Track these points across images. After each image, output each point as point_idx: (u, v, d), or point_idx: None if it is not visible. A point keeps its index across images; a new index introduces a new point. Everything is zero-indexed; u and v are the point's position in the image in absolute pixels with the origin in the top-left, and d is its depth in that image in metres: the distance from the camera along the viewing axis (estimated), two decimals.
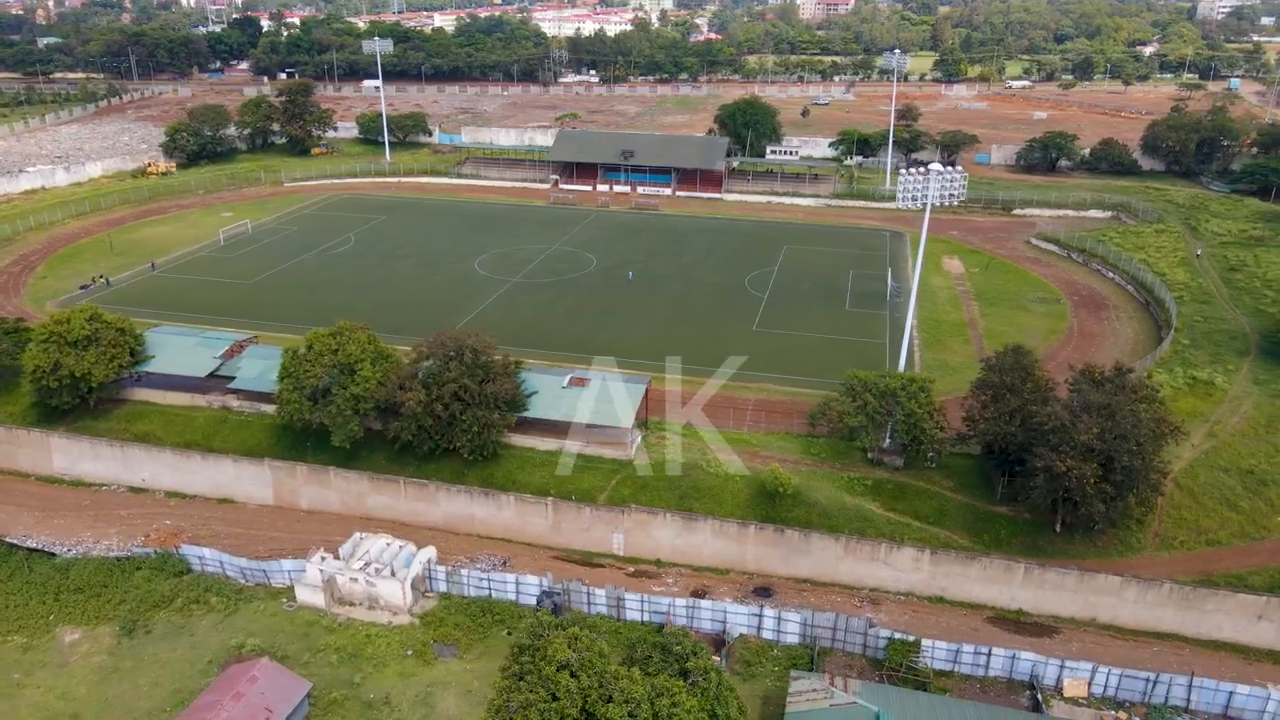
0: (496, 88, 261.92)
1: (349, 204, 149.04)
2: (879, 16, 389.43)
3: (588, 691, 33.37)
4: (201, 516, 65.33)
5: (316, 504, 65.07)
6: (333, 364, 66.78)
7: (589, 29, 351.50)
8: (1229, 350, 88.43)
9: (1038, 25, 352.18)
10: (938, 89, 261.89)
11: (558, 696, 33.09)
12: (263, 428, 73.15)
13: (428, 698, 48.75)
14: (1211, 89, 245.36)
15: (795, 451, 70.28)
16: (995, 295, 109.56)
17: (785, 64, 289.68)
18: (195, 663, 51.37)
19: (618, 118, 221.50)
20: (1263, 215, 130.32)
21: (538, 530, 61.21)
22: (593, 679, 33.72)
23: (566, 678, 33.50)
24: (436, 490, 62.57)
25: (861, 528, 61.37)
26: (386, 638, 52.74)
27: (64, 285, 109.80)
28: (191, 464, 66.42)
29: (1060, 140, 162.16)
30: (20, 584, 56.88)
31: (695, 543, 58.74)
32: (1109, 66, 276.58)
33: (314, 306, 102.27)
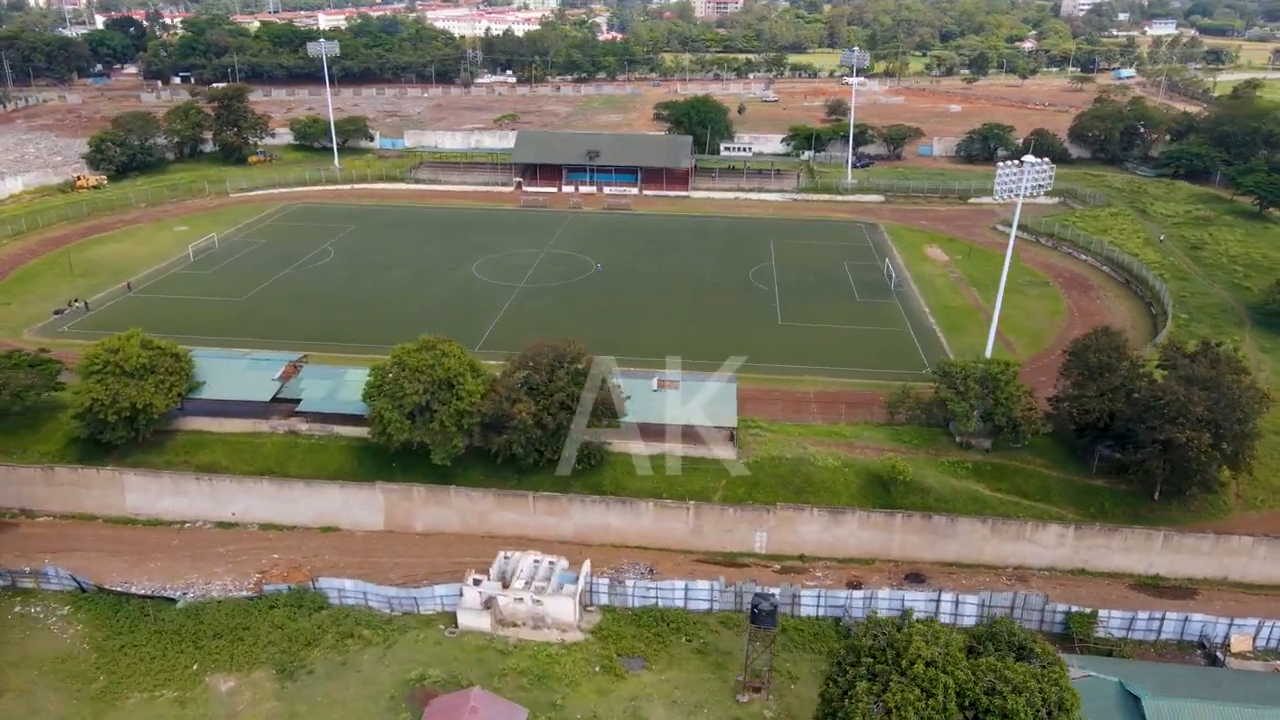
0: (415, 89, 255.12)
1: (308, 214, 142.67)
2: (773, 14, 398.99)
3: (965, 685, 33.75)
4: (309, 548, 61.85)
5: (434, 525, 62.59)
6: (431, 379, 64.35)
7: (484, 28, 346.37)
8: (1225, 322, 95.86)
9: (925, 23, 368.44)
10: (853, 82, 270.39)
11: (932, 693, 33.34)
12: (338, 450, 69.79)
13: (636, 711, 47.97)
14: (1101, 81, 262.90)
15: (885, 440, 72.16)
16: (987, 280, 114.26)
17: (701, 62, 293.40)
18: (376, 699, 48.85)
19: (550, 118, 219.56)
20: (1198, 197, 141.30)
21: (677, 535, 60.87)
22: (966, 672, 34.14)
23: (936, 673, 33.77)
24: (570, 502, 61.29)
25: (978, 509, 63.81)
26: (568, 656, 51.49)
27: (33, 311, 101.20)
28: (292, 493, 62.72)
29: (998, 131, 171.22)
30: (149, 634, 52.55)
31: (841, 535, 59.76)
32: (1001, 61, 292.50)
33: (323, 322, 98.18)
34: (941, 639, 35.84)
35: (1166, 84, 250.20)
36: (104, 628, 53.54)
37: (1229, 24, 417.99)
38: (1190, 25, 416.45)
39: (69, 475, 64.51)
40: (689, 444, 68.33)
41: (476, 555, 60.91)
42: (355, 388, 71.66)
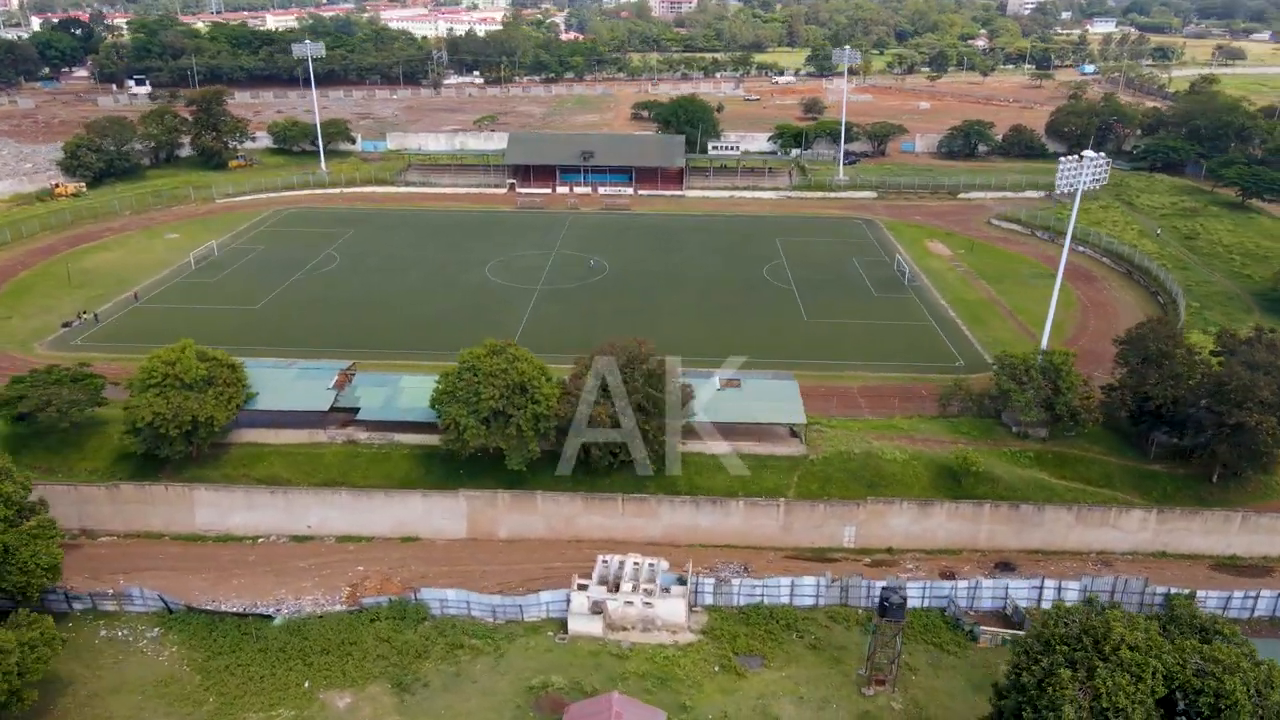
0: (384, 91, 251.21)
1: (302, 219, 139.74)
2: (730, 13, 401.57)
3: (1173, 669, 34.45)
4: (392, 559, 60.68)
5: (518, 532, 61.88)
6: (506, 384, 63.63)
7: (445, 29, 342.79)
8: (1234, 309, 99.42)
9: (879, 21, 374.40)
10: (819, 83, 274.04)
11: (1141, 677, 33.94)
12: (401, 458, 68.60)
13: (765, 709, 48.13)
14: (1061, 78, 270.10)
15: (943, 432, 73.39)
16: (995, 274, 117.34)
17: (668, 62, 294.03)
18: (500, 709, 48.21)
19: (526, 119, 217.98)
20: (1180, 189, 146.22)
21: (766, 532, 61.16)
22: (1173, 655, 34.86)
23: (1143, 657, 34.40)
24: (659, 504, 61.15)
25: (1047, 497, 65.29)
26: (685, 658, 51.40)
27: (37, 324, 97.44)
28: (371, 503, 61.44)
29: (979, 127, 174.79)
30: (253, 652, 51.04)
31: (930, 527, 60.67)
32: (960, 59, 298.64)
33: (345, 327, 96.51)
34: (1140, 624, 36.69)
35: (1123, 80, 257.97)
36: (201, 648, 51.89)
37: (1166, 22, 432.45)
38: (1129, 23, 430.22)
39: (134, 493, 62.32)
40: (756, 441, 68.77)
41: (566, 560, 60.54)
42: (416, 394, 70.76)
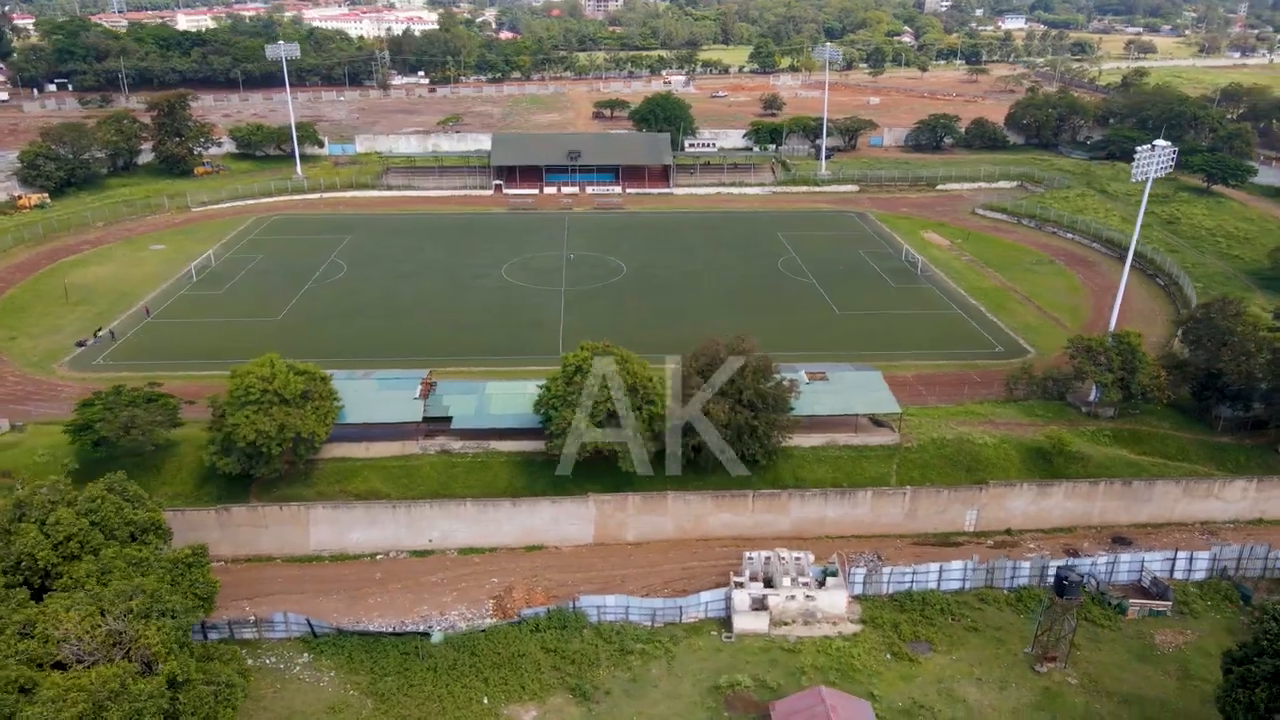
0: (330, 93, 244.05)
1: (290, 226, 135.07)
2: (661, 11, 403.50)
3: None
4: (522, 569, 59.46)
5: (646, 534, 61.37)
6: (617, 385, 63.10)
7: (385, 29, 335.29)
8: (1236, 288, 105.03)
9: (809, 19, 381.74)
10: (766, 79, 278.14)
11: None
12: (499, 466, 67.27)
13: (950, 693, 49.12)
14: (998, 72, 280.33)
15: (1018, 415, 75.82)
16: (999, 262, 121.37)
17: (615, 60, 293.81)
18: (692, 712, 47.88)
19: (485, 119, 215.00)
20: None
21: (891, 520, 62.20)
22: None
23: None
24: (789, 498, 61.54)
25: (1134, 472, 68.17)
26: (855, 648, 51.95)
27: (48, 344, 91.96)
28: (497, 514, 59.99)
29: (944, 121, 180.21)
30: (423, 672, 49.34)
31: (1047, 507, 62.66)
32: (896, 55, 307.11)
33: (378, 335, 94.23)
34: None
35: (1054, 75, 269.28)
36: (363, 671, 49.98)
37: (1071, 18, 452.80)
38: (1036, 20, 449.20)
39: (246, 515, 59.48)
40: (853, 432, 69.88)
41: (700, 560, 60.54)
42: (505, 400, 69.64)
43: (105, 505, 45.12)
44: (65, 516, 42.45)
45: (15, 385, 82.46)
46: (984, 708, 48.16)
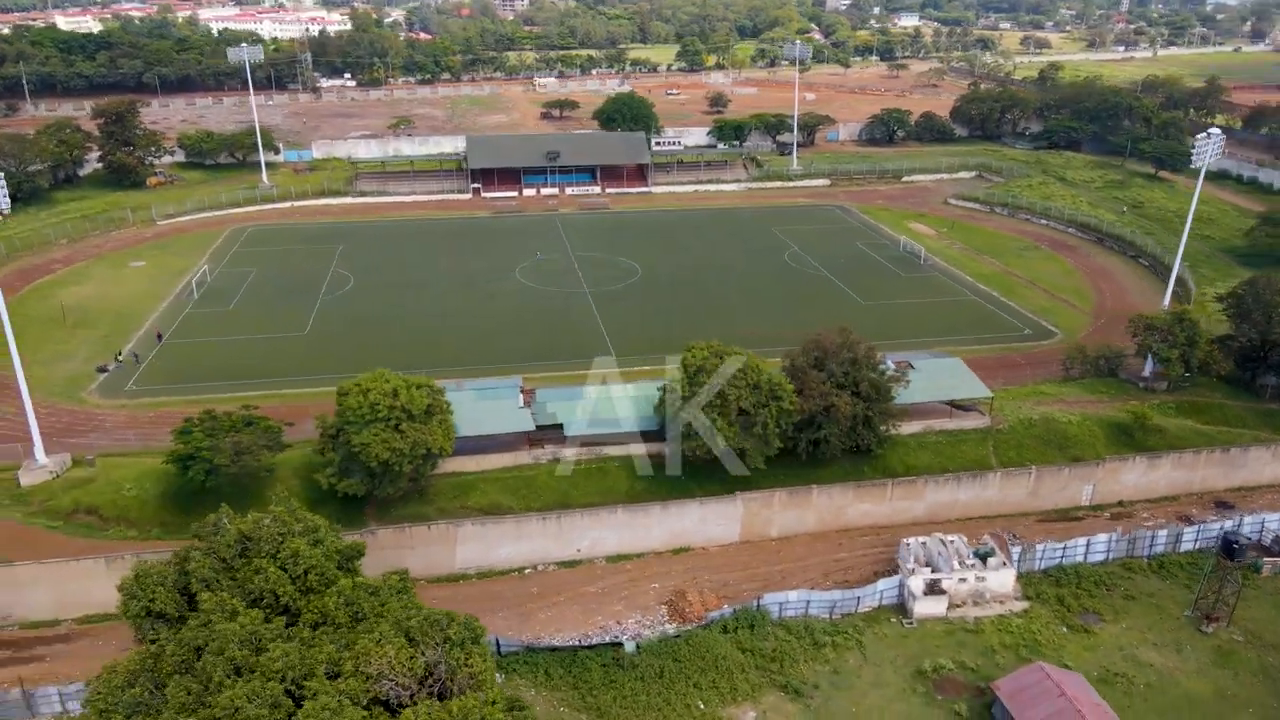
0: (257, 97, 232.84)
1: (275, 237, 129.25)
2: (577, 11, 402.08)
3: None
4: (676, 571, 58.94)
5: (790, 528, 61.72)
6: (747, 383, 63.34)
7: (303, 30, 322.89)
8: (1221, 265, 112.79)
9: (720, 18, 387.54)
10: (697, 77, 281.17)
11: None
12: (615, 471, 66.46)
13: (1135, 658, 51.45)
14: (916, 68, 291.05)
15: (1083, 392, 79.59)
16: (989, 249, 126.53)
17: (546, 60, 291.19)
18: (906, 698, 48.66)
19: (430, 121, 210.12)
20: (1093, 164, 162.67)
21: (1016, 499, 64.44)
22: None
23: None
24: (925, 485, 62.95)
25: (1207, 441, 72.62)
26: (1032, 624, 53.68)
27: (64, 372, 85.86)
28: (647, 518, 59.20)
29: (897, 115, 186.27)
30: (631, 681, 48.01)
31: (1154, 478, 66.08)
32: (817, 53, 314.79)
33: (420, 346, 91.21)
34: None
35: (970, 70, 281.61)
36: (565, 687, 48.70)
37: (961, 16, 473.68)
38: (928, 17, 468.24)
39: (393, 537, 56.90)
40: (945, 418, 72.07)
41: (847, 550, 61.49)
42: (615, 404, 68.82)
43: (327, 535, 42.61)
44: (301, 548, 39.86)
45: (51, 417, 76.34)
46: (1170, 670, 50.71)
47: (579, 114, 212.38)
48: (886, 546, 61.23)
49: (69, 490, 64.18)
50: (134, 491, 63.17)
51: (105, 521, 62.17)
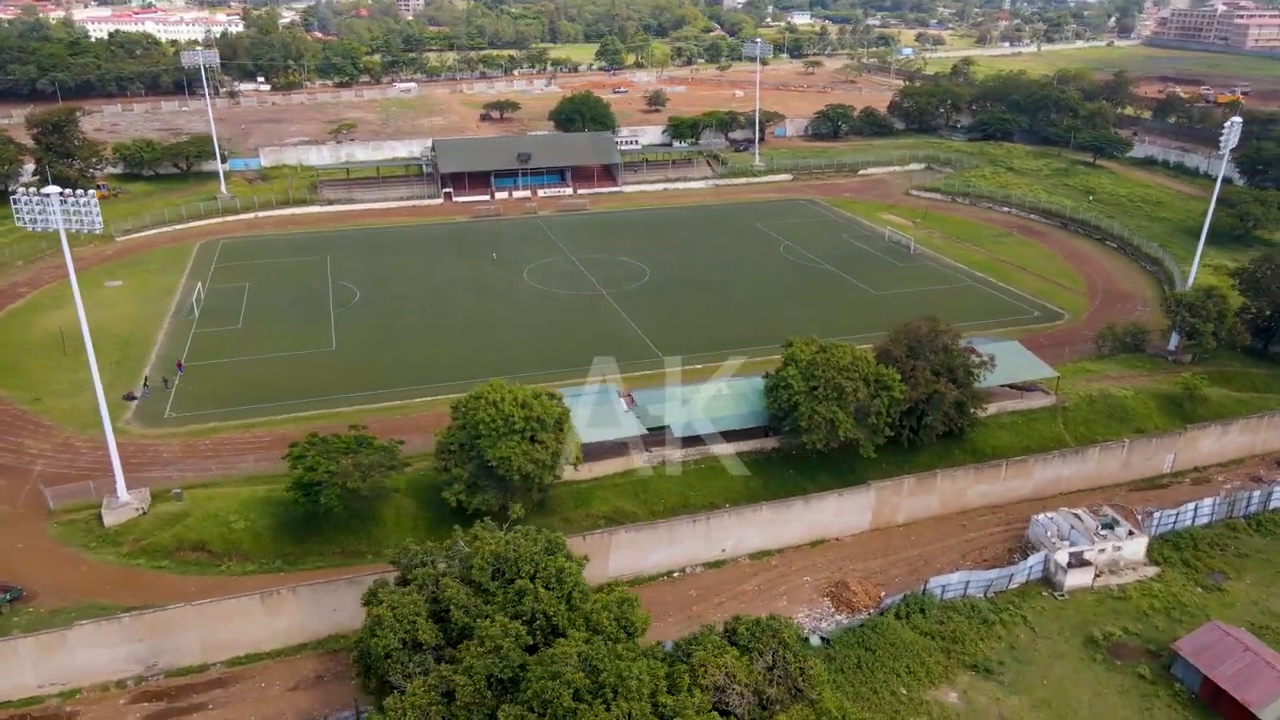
0: (169, 103, 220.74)
1: (252, 250, 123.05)
2: (478, 11, 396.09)
3: None
4: (820, 563, 59.55)
5: (914, 514, 63.19)
6: (858, 375, 64.77)
7: (202, 31, 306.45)
8: (1186, 243, 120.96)
9: (626, 17, 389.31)
10: (624, 76, 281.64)
11: None
12: (723, 469, 67.09)
13: (1269, 610, 55.32)
14: (829, 65, 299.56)
15: (1119, 368, 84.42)
16: (970, 237, 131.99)
17: (467, 60, 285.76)
18: (1090, 666, 50.89)
19: (365, 125, 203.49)
20: (1033, 154, 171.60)
21: (1111, 471, 67.84)
22: None
23: None
24: (1034, 463, 65.55)
25: (1245, 408, 78.37)
26: (1170, 587, 56.73)
27: (86, 403, 78.94)
28: (789, 513, 59.46)
29: (840, 110, 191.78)
30: (833, 674, 48.65)
31: (1225, 444, 70.76)
32: (728, 50, 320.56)
33: (466, 355, 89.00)
34: None
35: (882, 67, 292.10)
36: None
37: (849, 14, 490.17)
38: (818, 15, 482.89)
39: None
40: (1016, 398, 75.45)
41: (975, 530, 63.59)
42: (715, 403, 69.16)
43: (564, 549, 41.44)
44: (565, 565, 38.57)
45: (98, 452, 70.70)
46: None
47: (521, 115, 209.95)
48: (1007, 525, 63.75)
49: (165, 527, 59.97)
50: (242, 523, 59.53)
51: (215, 557, 58.42)
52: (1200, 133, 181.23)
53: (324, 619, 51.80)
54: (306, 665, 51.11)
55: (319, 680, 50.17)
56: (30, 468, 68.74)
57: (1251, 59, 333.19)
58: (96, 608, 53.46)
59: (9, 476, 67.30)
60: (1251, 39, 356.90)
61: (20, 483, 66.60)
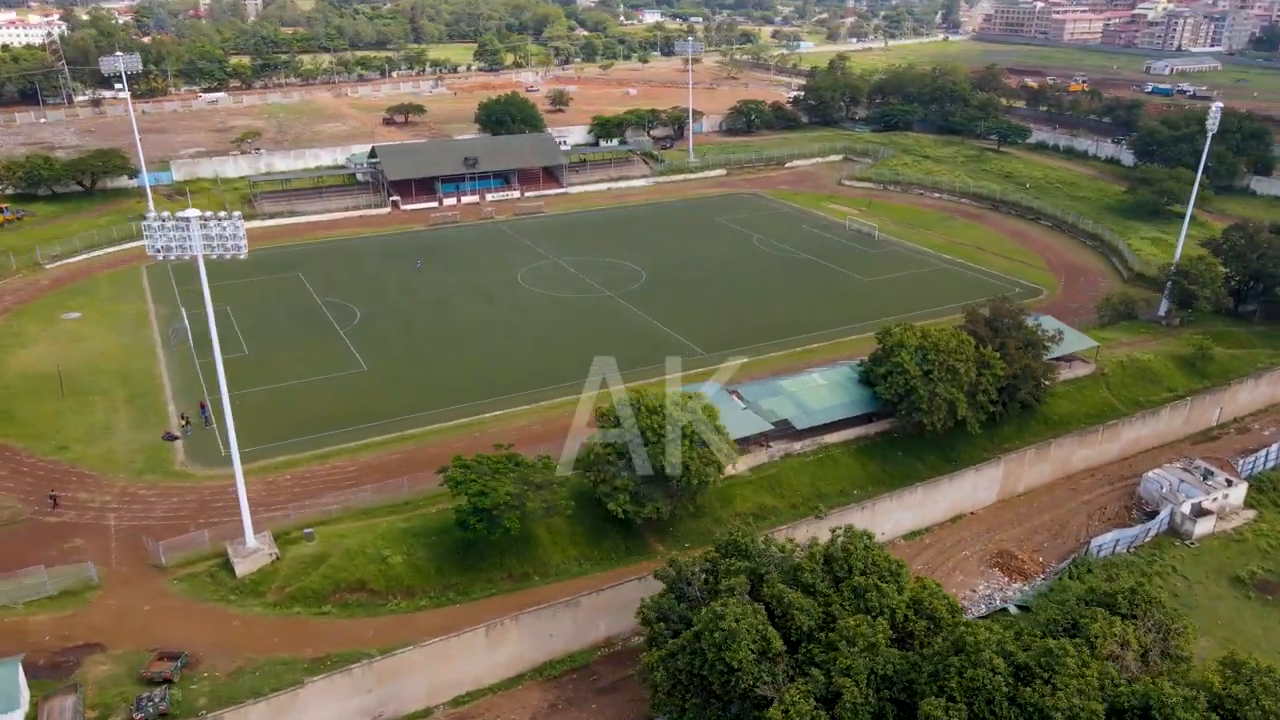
0: (25, 114, 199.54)
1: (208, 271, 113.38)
2: (318, 9, 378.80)
3: None
4: (967, 538, 62.12)
5: (1032, 482, 66.80)
6: (965, 357, 68.03)
7: (44, 35, 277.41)
8: (1114, 219, 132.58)
9: (486, 16, 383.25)
10: (508, 76, 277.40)
11: None
12: (845, 457, 69.20)
13: None
14: (707, 62, 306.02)
15: (1124, 334, 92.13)
16: (919, 222, 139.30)
17: (343, 62, 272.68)
18: (1247, 605, 55.94)
19: (263, 133, 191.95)
20: (940, 143, 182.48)
21: (1174, 428, 74.09)
22: None
23: None
24: (1124, 426, 70.72)
25: (1239, 361, 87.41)
26: (1276, 526, 63.23)
27: (123, 447, 71.94)
28: (935, 492, 61.58)
29: (752, 106, 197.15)
30: None
31: (1257, 395, 78.68)
32: (607, 48, 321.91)
33: (507, 367, 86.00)
34: None
35: (759, 63, 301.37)
36: None
37: (697, 12, 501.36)
38: (666, 14, 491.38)
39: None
40: (1065, 369, 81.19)
41: (1090, 492, 68.37)
42: (819, 393, 70.79)
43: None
44: (902, 561, 38.87)
45: (171, 499, 64.47)
46: None
47: (427, 119, 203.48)
48: (1110, 485, 68.75)
49: (307, 570, 55.55)
50: (399, 557, 55.92)
51: (378, 596, 54.66)
52: (1069, 119, 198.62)
53: (541, 646, 49.70)
54: (532, 696, 48.88)
55: (553, 709, 48.15)
56: (103, 523, 61.68)
57: (1072, 50, 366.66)
58: (278, 664, 49.10)
59: (85, 534, 60.19)
60: (1068, 33, 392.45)
61: (101, 540, 59.72)
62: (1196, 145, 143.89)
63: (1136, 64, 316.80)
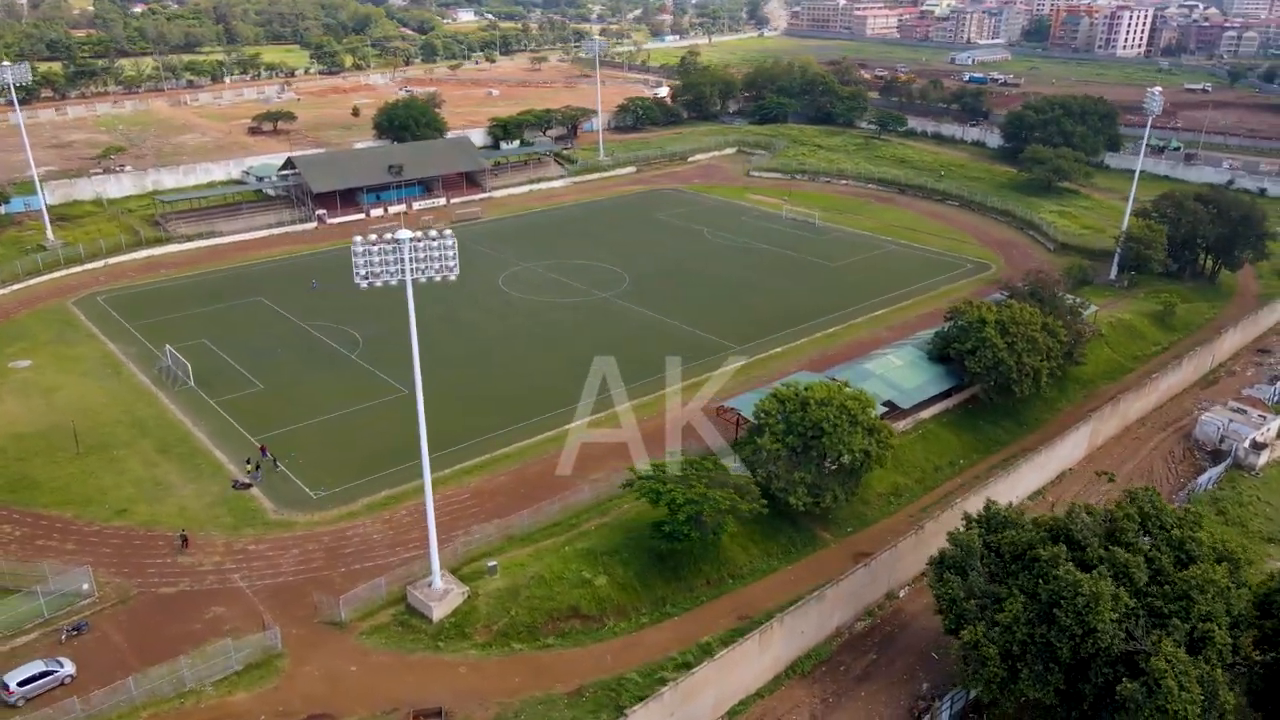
0: None
1: (152, 303, 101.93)
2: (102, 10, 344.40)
3: None
4: (1075, 491, 67.33)
5: (1107, 434, 73.25)
6: (1041, 324, 73.59)
7: None
8: (1017, 197, 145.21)
9: (308, 16, 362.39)
10: (356, 78, 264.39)
11: None
12: (941, 430, 73.32)
13: None
14: (552, 61, 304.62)
15: (1094, 298, 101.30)
16: (841, 208, 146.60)
17: (169, 67, 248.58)
18: None
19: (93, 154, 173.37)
20: (825, 133, 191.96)
21: (1187, 376, 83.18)
22: None
23: None
24: (1159, 378, 78.41)
25: (1193, 314, 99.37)
26: None
27: (195, 503, 64.41)
28: (1052, 453, 66.48)
29: (640, 103, 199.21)
30: None
31: (1233, 341, 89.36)
32: (445, 49, 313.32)
33: (544, 378, 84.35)
34: None
35: (613, 61, 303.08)
36: None
37: (512, 10, 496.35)
38: (483, 13, 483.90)
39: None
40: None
41: (1150, 441, 75.21)
42: (902, 374, 74.27)
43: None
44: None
45: (293, 550, 58.53)
46: None
47: (299, 126, 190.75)
48: (1163, 428, 76.64)
49: (509, 604, 52.46)
50: (603, 578, 53.79)
51: (592, 620, 52.46)
52: (920, 107, 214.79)
53: (794, 644, 49.70)
54: (798, 694, 48.78)
55: (826, 704, 48.29)
56: (231, 586, 55.07)
57: (877, 45, 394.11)
58: (537, 703, 46.49)
59: (223, 601, 53.65)
60: (870, 28, 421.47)
61: (241, 605, 53.43)
62: (1063, 126, 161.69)
63: (940, 56, 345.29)
